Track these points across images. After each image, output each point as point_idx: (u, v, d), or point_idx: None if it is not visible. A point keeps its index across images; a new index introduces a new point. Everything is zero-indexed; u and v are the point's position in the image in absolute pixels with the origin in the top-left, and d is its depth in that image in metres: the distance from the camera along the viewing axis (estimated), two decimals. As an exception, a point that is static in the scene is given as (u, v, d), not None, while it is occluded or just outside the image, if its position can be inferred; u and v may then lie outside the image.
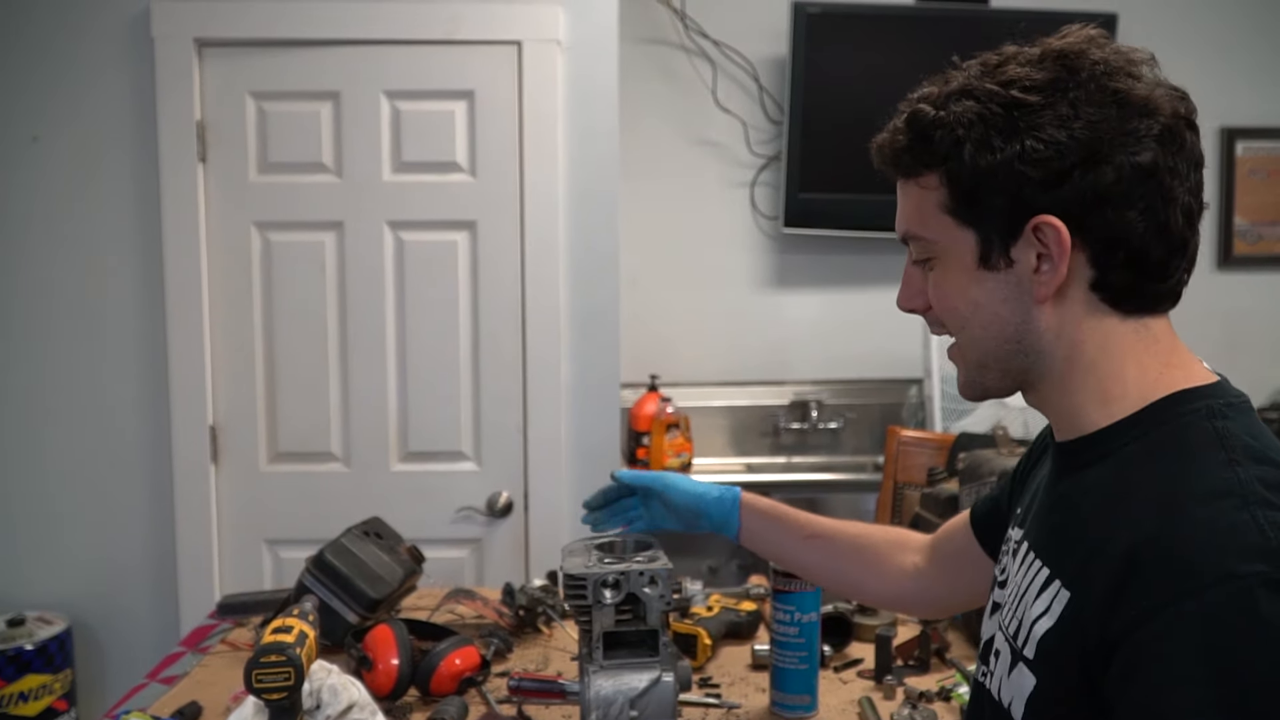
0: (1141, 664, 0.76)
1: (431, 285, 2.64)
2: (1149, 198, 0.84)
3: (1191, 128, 0.87)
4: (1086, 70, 0.86)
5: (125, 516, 2.66)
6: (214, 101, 2.59)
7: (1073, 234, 0.85)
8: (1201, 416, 0.85)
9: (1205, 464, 0.81)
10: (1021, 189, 0.86)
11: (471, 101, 2.60)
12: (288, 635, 1.16)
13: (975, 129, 0.87)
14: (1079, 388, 0.91)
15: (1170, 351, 0.90)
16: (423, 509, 2.62)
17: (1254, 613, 0.73)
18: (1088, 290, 0.88)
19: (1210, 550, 0.75)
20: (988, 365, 0.95)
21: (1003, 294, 0.90)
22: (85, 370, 2.63)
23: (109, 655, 2.68)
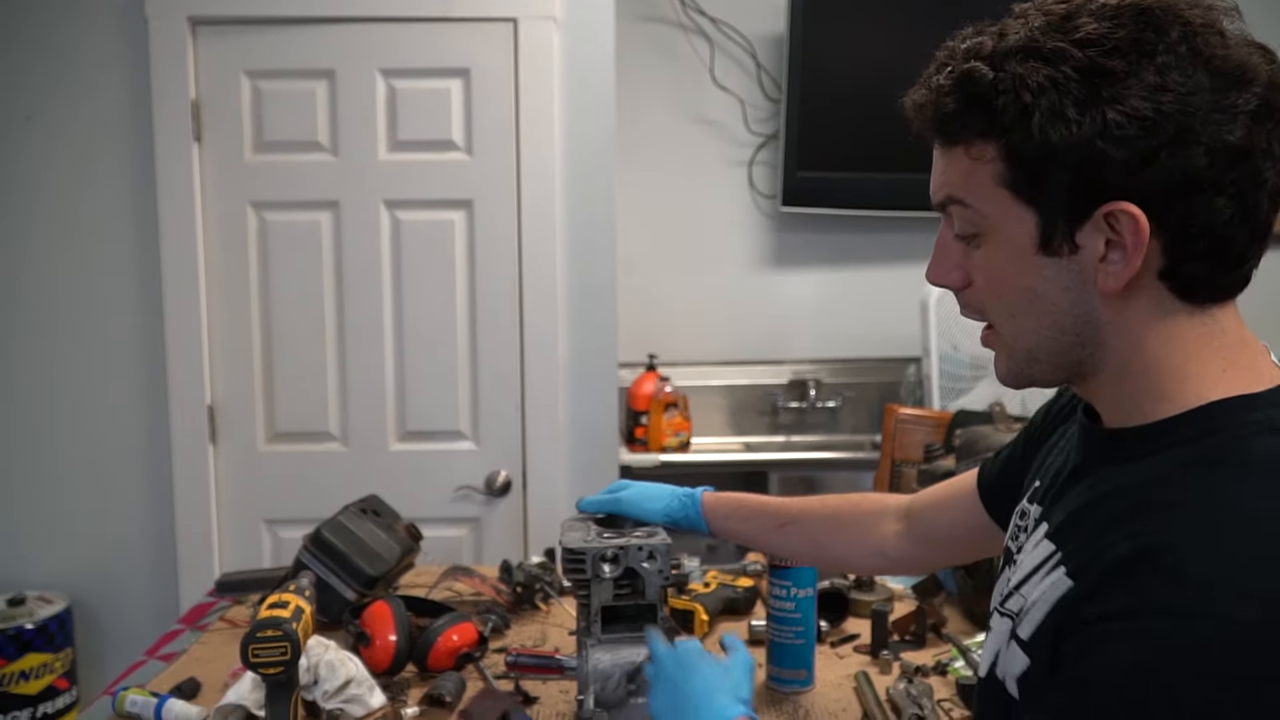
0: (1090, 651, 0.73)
1: (428, 264, 2.63)
2: (1240, 182, 0.75)
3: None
4: (1176, 29, 0.75)
5: (124, 496, 2.67)
6: (209, 80, 2.58)
7: (1150, 222, 0.75)
8: (1262, 429, 0.77)
9: (1256, 485, 0.74)
10: (1100, 170, 0.75)
11: (467, 79, 2.59)
12: (284, 610, 1.16)
13: (1047, 95, 0.75)
14: (1137, 384, 0.82)
15: (1237, 347, 0.81)
16: (421, 488, 2.63)
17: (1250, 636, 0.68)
18: (1157, 280, 0.78)
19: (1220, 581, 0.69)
20: (1039, 358, 0.85)
21: (1064, 282, 0.80)
22: (83, 351, 2.63)
23: (109, 634, 2.69)
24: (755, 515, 1.38)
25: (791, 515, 1.36)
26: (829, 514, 1.36)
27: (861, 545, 1.33)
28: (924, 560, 1.35)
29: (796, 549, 1.39)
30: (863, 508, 1.35)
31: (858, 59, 3.15)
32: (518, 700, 1.49)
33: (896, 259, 3.38)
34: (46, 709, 2.50)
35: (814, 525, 1.35)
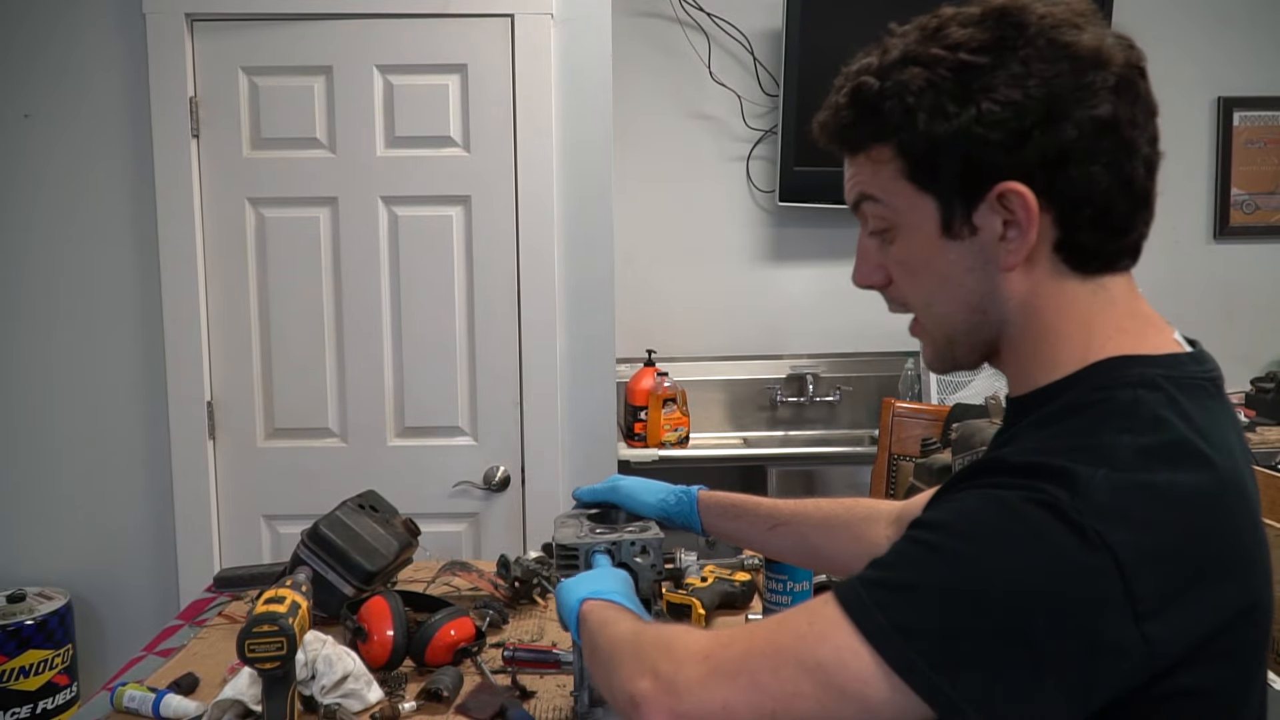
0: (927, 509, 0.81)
1: (426, 260, 2.64)
2: (1111, 151, 0.82)
3: (1143, 75, 0.84)
4: (1033, 25, 0.82)
5: (124, 493, 2.67)
6: (206, 77, 2.58)
7: (1037, 196, 0.82)
8: (1129, 385, 0.82)
9: (1098, 428, 0.79)
10: (981, 153, 0.82)
11: (464, 75, 2.59)
12: (280, 605, 1.17)
13: (926, 96, 0.83)
14: (1033, 351, 0.88)
15: (1127, 315, 0.87)
16: (420, 484, 2.63)
17: (999, 508, 0.75)
18: (1051, 252, 0.85)
19: (1033, 471, 0.76)
20: (956, 339, 0.92)
21: (968, 263, 0.86)
22: (82, 347, 2.63)
23: (109, 630, 2.70)
24: (748, 515, 1.39)
25: (784, 516, 1.36)
26: (821, 516, 1.36)
27: (853, 548, 1.32)
28: None
29: (788, 550, 1.40)
30: (855, 511, 1.35)
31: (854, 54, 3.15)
32: (515, 695, 1.49)
33: (894, 253, 3.38)
34: (46, 705, 2.50)
35: (805, 527, 1.35)
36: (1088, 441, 0.78)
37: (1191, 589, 0.74)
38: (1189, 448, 0.77)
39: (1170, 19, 3.52)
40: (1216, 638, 0.75)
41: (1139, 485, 0.74)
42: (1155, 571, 0.72)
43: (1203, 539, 0.75)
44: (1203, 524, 0.75)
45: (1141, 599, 0.71)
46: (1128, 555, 0.71)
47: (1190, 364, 0.85)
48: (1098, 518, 0.72)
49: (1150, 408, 0.79)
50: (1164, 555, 0.73)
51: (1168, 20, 3.52)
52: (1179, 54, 3.54)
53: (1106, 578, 0.71)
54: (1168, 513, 0.74)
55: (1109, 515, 0.72)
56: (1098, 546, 0.71)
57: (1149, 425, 0.78)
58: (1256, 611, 0.78)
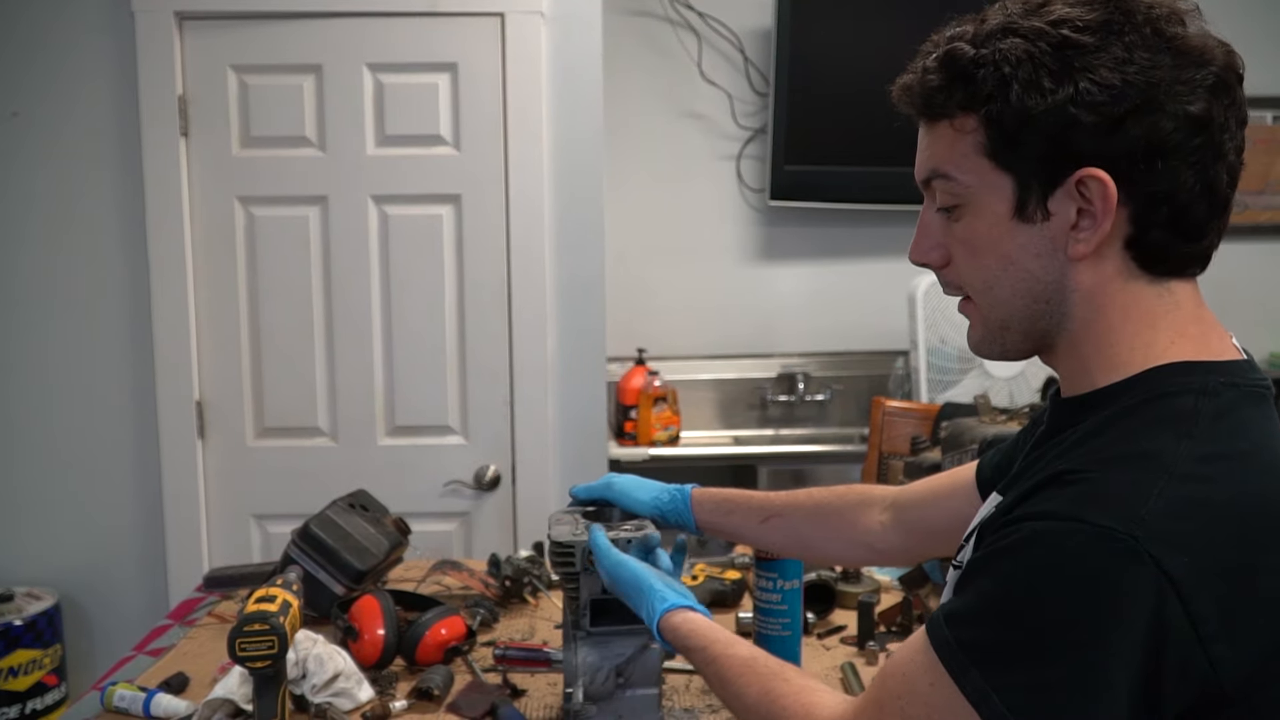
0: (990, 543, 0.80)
1: (417, 259, 2.63)
2: (1201, 151, 0.80)
3: (1240, 81, 0.83)
4: (1140, 12, 0.81)
5: (113, 492, 2.66)
6: (195, 75, 2.57)
7: (1118, 188, 0.80)
8: (1188, 391, 0.80)
9: (1158, 434, 0.78)
10: (1071, 134, 0.80)
11: (455, 74, 2.59)
12: (271, 604, 1.16)
13: (1024, 68, 0.81)
14: (1093, 350, 0.86)
15: (1191, 321, 0.85)
16: (410, 483, 2.63)
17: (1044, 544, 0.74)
18: (1122, 249, 0.83)
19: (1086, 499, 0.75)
20: (1011, 326, 0.89)
21: (1037, 248, 0.85)
22: (70, 347, 2.62)
23: (98, 630, 2.69)
24: (740, 509, 1.38)
25: (776, 508, 1.36)
26: (813, 506, 1.36)
27: (846, 536, 1.33)
28: (912, 551, 1.34)
29: (781, 542, 1.39)
30: (848, 499, 1.35)
31: (845, 53, 3.15)
32: (505, 693, 1.49)
33: (884, 252, 3.39)
34: (35, 705, 2.50)
35: (798, 518, 1.35)
36: (1145, 447, 0.77)
37: (1255, 606, 0.73)
38: (1250, 456, 0.77)
39: (1159, 19, 3.54)
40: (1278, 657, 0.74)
41: (1197, 500, 0.73)
42: (1216, 590, 0.71)
43: (1264, 551, 0.74)
44: (1265, 537, 0.74)
45: (1204, 620, 0.71)
46: (1186, 576, 0.70)
47: (1250, 371, 0.84)
48: (1153, 540, 0.71)
49: (1210, 417, 0.78)
50: (1225, 572, 0.72)
51: (1156, 20, 3.53)
52: (1167, 54, 3.56)
53: (1168, 602, 0.70)
54: (1227, 527, 0.73)
55: (1165, 536, 0.71)
56: (1155, 572, 0.70)
57: (1209, 433, 0.77)
58: None
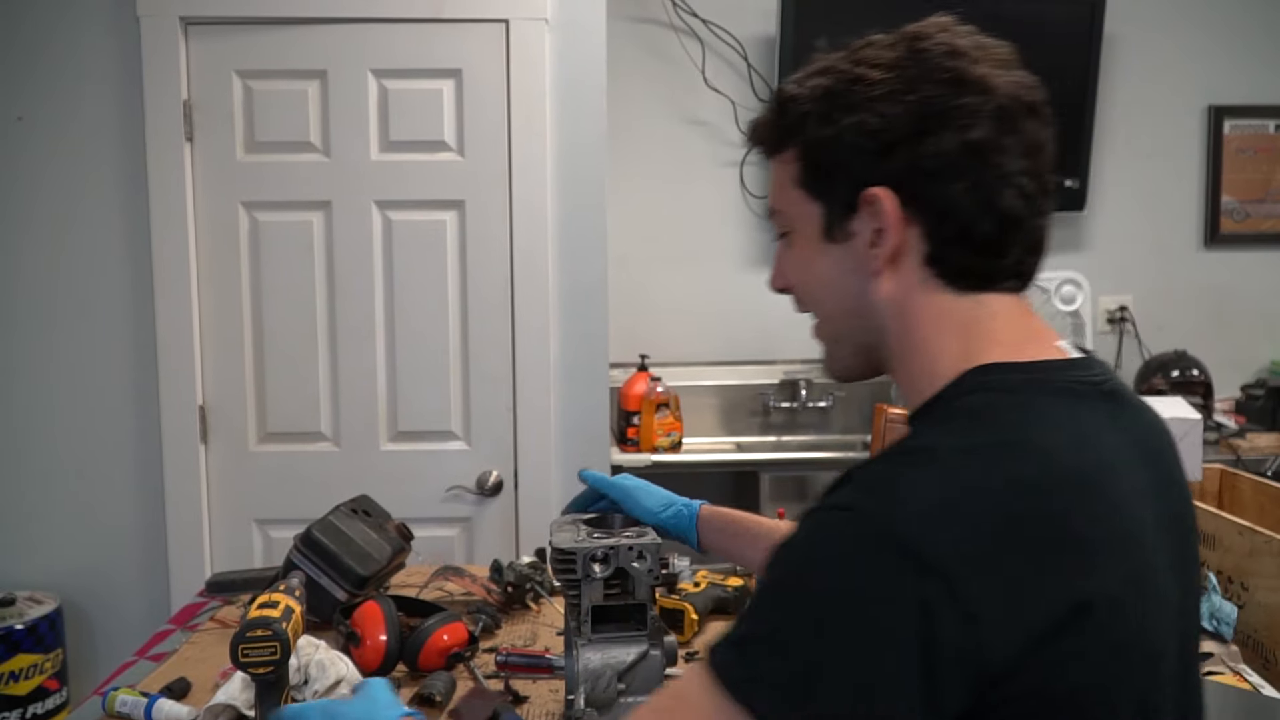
0: None
1: (420, 264, 2.64)
2: (976, 173, 0.85)
3: (1033, 113, 0.87)
4: (932, 51, 0.88)
5: (115, 497, 2.66)
6: (200, 80, 2.58)
7: (905, 207, 0.86)
8: (982, 389, 0.83)
9: (939, 431, 0.81)
10: (855, 160, 0.87)
11: (459, 80, 2.59)
12: (273, 610, 1.16)
13: (821, 102, 0.89)
14: (914, 364, 0.90)
15: (1006, 329, 0.88)
16: (413, 488, 2.63)
17: (825, 530, 0.76)
18: (922, 265, 0.88)
19: (858, 490, 0.77)
20: (840, 341, 0.96)
21: (845, 266, 0.91)
22: (74, 351, 2.63)
23: (99, 635, 2.69)
24: (746, 533, 1.40)
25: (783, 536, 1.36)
26: None
27: None
28: None
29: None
30: None
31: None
32: (507, 700, 1.49)
33: (887, 260, 3.39)
34: (36, 710, 2.49)
35: None
36: (923, 443, 0.80)
37: (1020, 586, 0.72)
38: (1022, 444, 0.78)
39: (1163, 28, 3.54)
40: (1055, 637, 0.73)
41: (959, 487, 0.75)
42: (978, 573, 0.71)
43: (1027, 535, 0.74)
44: (1028, 520, 0.74)
45: (969, 600, 0.71)
46: (949, 558, 0.71)
47: (1066, 370, 0.86)
48: (913, 522, 0.72)
49: (996, 410, 0.81)
50: (986, 556, 0.72)
51: (1160, 30, 3.54)
52: (1171, 63, 3.57)
53: (929, 584, 0.70)
54: (990, 510, 0.74)
55: (929, 521, 0.72)
56: (912, 553, 0.71)
57: (988, 426, 0.80)
58: (1098, 610, 0.74)
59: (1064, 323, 3.10)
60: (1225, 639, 1.54)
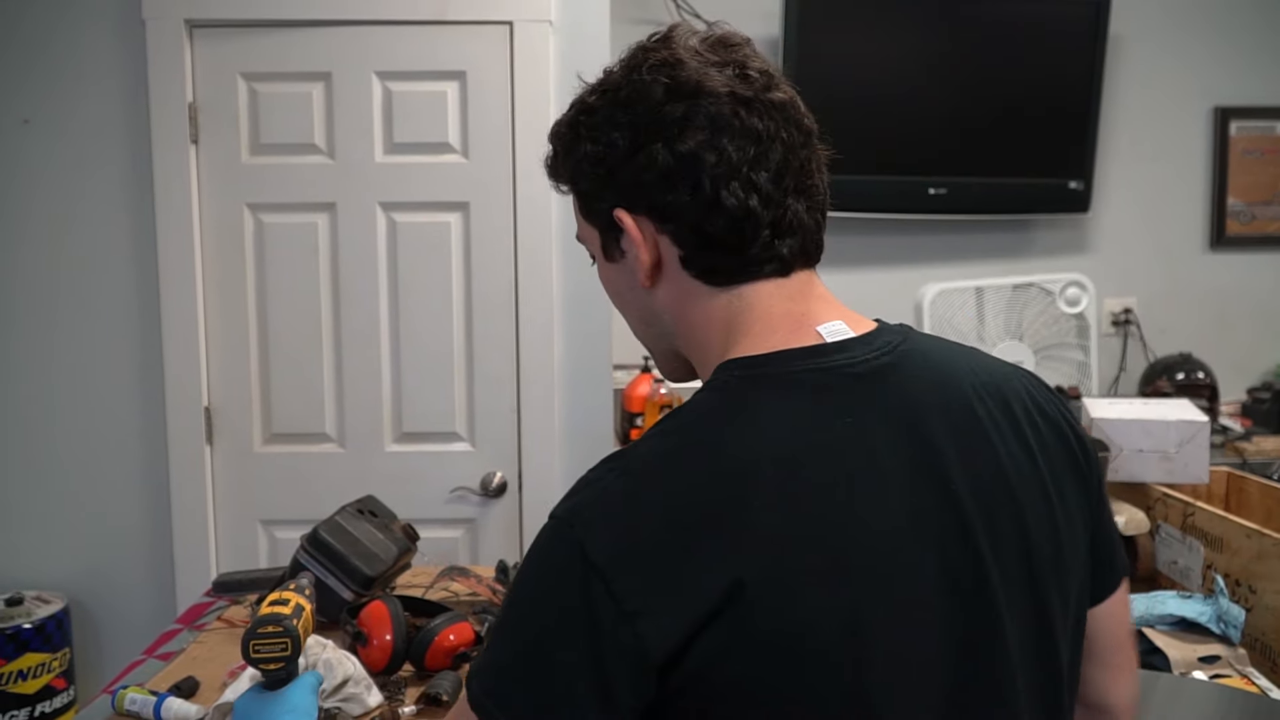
0: None
1: (424, 266, 2.64)
2: (694, 178, 0.87)
3: (748, 105, 0.88)
4: (641, 66, 0.90)
5: (121, 497, 2.67)
6: (205, 83, 2.59)
7: (647, 221, 0.89)
8: (704, 389, 0.87)
9: (646, 437, 0.84)
10: (594, 186, 0.92)
11: (463, 82, 2.60)
12: (284, 607, 1.17)
13: (565, 138, 0.94)
14: (699, 363, 0.94)
15: (759, 319, 0.90)
16: (417, 489, 2.64)
17: (538, 537, 0.81)
18: (681, 269, 0.91)
19: (566, 497, 0.83)
20: (653, 350, 1.00)
21: (629, 282, 0.94)
22: (80, 352, 2.64)
23: (106, 634, 2.70)
24: None
25: None
26: None
27: None
28: None
29: None
30: None
31: (852, 62, 3.16)
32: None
33: (890, 261, 3.40)
34: (44, 708, 2.50)
35: None
36: (626, 449, 0.84)
37: (673, 578, 0.75)
38: (698, 442, 0.81)
39: (1168, 29, 3.54)
40: (711, 624, 0.74)
41: (633, 492, 0.79)
42: (634, 567, 0.75)
43: (680, 527, 0.76)
44: (682, 514, 0.77)
45: (625, 597, 0.74)
46: (606, 556, 0.75)
47: (803, 358, 0.86)
48: (584, 526, 0.77)
49: (699, 410, 0.84)
50: (641, 552, 0.76)
51: (1165, 30, 3.54)
52: (1176, 64, 3.56)
53: (592, 584, 0.75)
54: (651, 510, 0.77)
55: (595, 522, 0.77)
56: (579, 555, 0.76)
57: (680, 426, 0.83)
58: (751, 590, 0.75)
59: (1069, 325, 3.11)
60: (1233, 642, 1.55)
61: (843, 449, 0.81)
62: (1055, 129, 3.40)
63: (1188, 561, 1.71)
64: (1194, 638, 1.54)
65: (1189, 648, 1.52)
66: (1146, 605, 1.58)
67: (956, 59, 3.25)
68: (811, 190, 0.91)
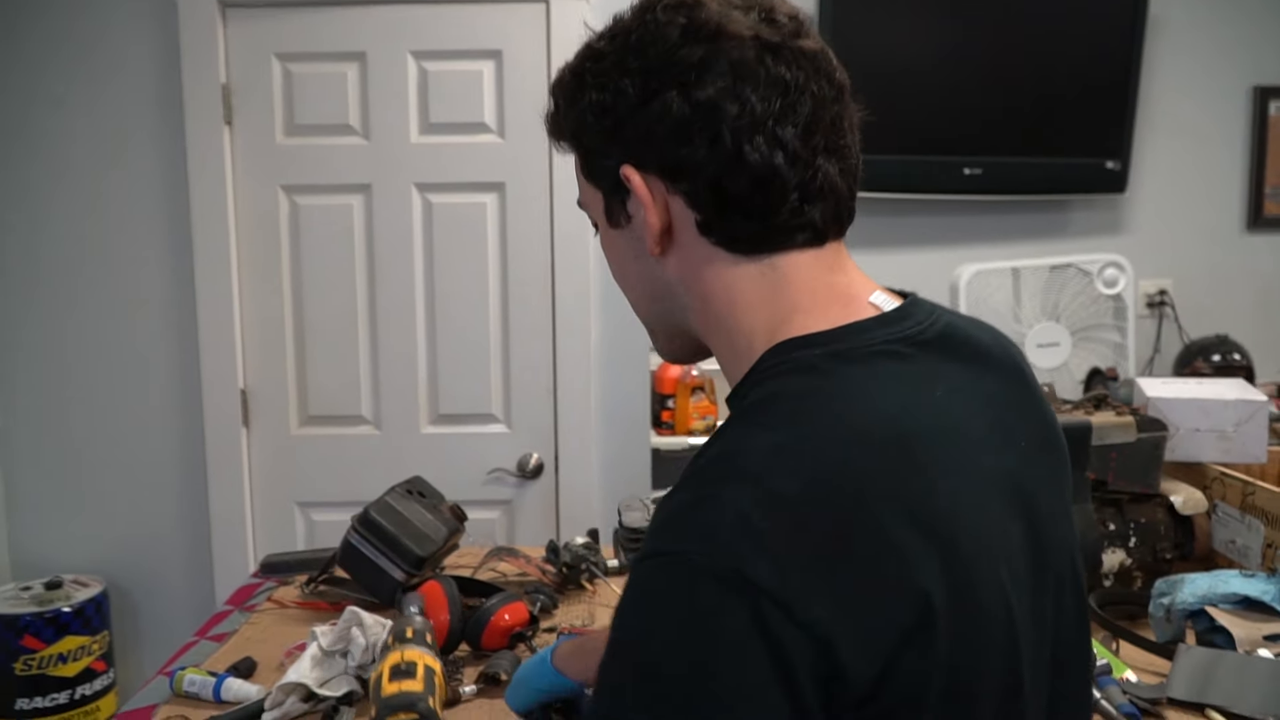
0: None
1: (460, 247, 2.63)
2: (713, 130, 0.77)
3: (775, 52, 0.78)
4: (661, 4, 0.82)
5: (158, 480, 2.67)
6: (239, 63, 2.57)
7: (658, 179, 0.80)
8: (784, 370, 0.76)
9: (739, 431, 0.72)
10: (599, 141, 0.82)
11: (499, 61, 2.58)
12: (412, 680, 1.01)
13: (568, 87, 0.85)
14: (720, 343, 0.84)
15: (806, 293, 0.80)
16: (453, 471, 2.62)
17: (654, 585, 0.67)
18: (698, 235, 0.81)
19: (665, 527, 0.69)
20: (653, 327, 0.91)
21: (633, 250, 0.85)
22: (115, 336, 2.63)
23: (144, 617, 2.70)
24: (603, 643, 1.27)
25: None
26: None
27: None
28: None
29: None
30: None
31: (887, 40, 3.12)
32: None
33: (924, 241, 3.37)
34: (84, 691, 2.50)
35: None
36: (725, 449, 0.71)
37: (860, 593, 0.65)
38: (824, 434, 0.70)
39: (1207, 6, 3.49)
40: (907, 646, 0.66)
41: (770, 498, 0.66)
42: (813, 585, 0.64)
43: (852, 537, 0.66)
44: (848, 523, 0.67)
45: (813, 623, 0.63)
46: (776, 581, 0.63)
47: (875, 330, 0.78)
48: (726, 553, 0.64)
49: (789, 399, 0.73)
50: (817, 565, 0.65)
51: (1204, 7, 3.49)
52: (1214, 42, 3.51)
53: (767, 615, 0.63)
54: (809, 519, 0.66)
55: (744, 546, 0.64)
56: (740, 586, 0.63)
57: (784, 418, 0.72)
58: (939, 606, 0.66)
59: (1106, 306, 3.07)
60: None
61: (947, 420, 0.75)
62: (1093, 109, 3.36)
63: (1247, 540, 1.69)
64: (1258, 616, 1.52)
65: (1254, 626, 1.50)
66: (1209, 584, 1.56)
67: (994, 37, 3.21)
68: (844, 151, 0.82)
